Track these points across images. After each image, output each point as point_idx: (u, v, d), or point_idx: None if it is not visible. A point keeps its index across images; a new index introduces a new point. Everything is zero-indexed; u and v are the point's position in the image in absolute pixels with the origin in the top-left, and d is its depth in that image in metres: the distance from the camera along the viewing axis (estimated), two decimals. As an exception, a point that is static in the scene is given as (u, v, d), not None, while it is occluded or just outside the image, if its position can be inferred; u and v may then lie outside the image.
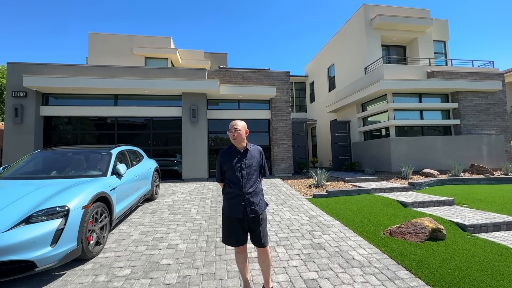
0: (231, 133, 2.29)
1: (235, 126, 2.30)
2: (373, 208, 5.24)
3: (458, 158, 9.64)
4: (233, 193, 2.23)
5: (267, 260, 2.29)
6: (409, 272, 2.75)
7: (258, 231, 2.24)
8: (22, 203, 2.81)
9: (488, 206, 5.33)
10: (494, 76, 10.96)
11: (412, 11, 12.32)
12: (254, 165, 2.31)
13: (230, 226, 2.24)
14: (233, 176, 2.24)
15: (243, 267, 2.35)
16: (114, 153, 4.53)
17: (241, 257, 2.32)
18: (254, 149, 2.39)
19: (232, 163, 2.27)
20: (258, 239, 2.24)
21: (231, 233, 2.24)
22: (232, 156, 2.30)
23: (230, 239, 2.25)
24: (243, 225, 2.23)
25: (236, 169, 2.25)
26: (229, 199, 2.25)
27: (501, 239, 3.73)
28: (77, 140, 9.22)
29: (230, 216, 2.23)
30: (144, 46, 13.46)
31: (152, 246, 3.51)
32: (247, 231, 2.27)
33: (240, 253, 2.31)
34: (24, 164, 4.27)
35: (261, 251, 2.28)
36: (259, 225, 2.24)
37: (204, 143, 9.31)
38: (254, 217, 2.22)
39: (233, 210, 2.21)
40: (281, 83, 10.35)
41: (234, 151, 2.32)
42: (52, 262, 2.60)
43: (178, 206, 5.61)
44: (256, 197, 2.25)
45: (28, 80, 8.10)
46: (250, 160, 2.30)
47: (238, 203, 2.20)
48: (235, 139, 2.28)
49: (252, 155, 2.34)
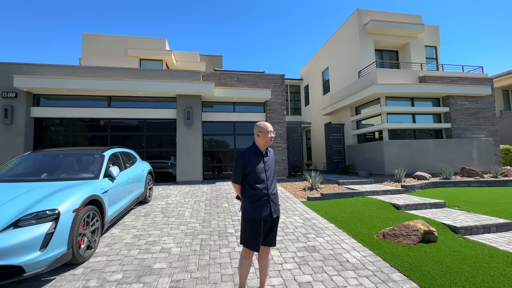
0: (269, 135, 2.29)
1: (271, 129, 2.32)
2: (367, 211, 5.28)
3: (449, 161, 9.82)
4: (257, 195, 2.22)
5: (267, 259, 2.37)
6: (402, 274, 2.77)
7: (274, 231, 2.32)
8: (11, 206, 2.75)
9: (478, 208, 5.43)
10: (483, 81, 11.25)
11: (405, 17, 12.59)
12: (273, 166, 2.39)
13: (255, 230, 2.19)
14: (257, 178, 2.24)
15: (245, 272, 2.33)
16: (107, 155, 4.47)
17: (247, 263, 2.30)
18: (271, 151, 2.45)
19: (256, 164, 2.26)
20: (273, 239, 2.33)
21: (256, 237, 2.19)
22: (257, 158, 2.29)
23: (255, 244, 2.20)
24: (265, 227, 2.24)
25: (261, 170, 2.26)
26: (254, 201, 2.22)
27: (491, 241, 3.80)
28: (69, 142, 9.06)
29: (256, 219, 2.19)
30: (139, 47, 13.38)
31: (144, 250, 3.46)
32: (265, 233, 2.27)
33: (248, 258, 2.29)
34: (14, 166, 4.18)
35: (267, 249, 2.35)
36: (276, 226, 2.33)
37: (199, 146, 9.26)
38: (276, 217, 2.29)
39: (260, 212, 2.19)
40: (276, 86, 10.41)
41: (258, 152, 2.32)
42: (41, 267, 2.53)
43: (172, 209, 5.55)
44: (277, 198, 2.35)
45: (19, 81, 7.95)
46: (270, 161, 2.37)
47: (264, 205, 2.22)
48: (271, 141, 2.32)
49: (271, 157, 2.40)
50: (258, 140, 2.32)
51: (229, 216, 5.03)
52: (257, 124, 2.34)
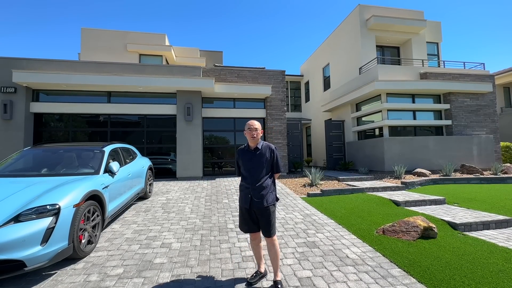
0: (251, 132, 2.51)
1: (254, 126, 2.52)
2: (367, 207, 5.30)
3: (449, 158, 9.82)
4: (243, 186, 2.58)
5: (273, 250, 2.50)
6: (401, 270, 2.78)
7: (263, 221, 2.50)
8: (11, 201, 2.75)
9: (478, 205, 5.44)
10: (484, 78, 11.19)
11: (406, 12, 12.47)
12: (263, 162, 2.53)
13: (241, 215, 2.61)
14: (244, 171, 2.57)
15: (255, 251, 2.66)
16: (107, 150, 4.46)
17: (253, 243, 2.64)
18: (265, 147, 2.60)
19: (244, 159, 2.57)
20: (264, 229, 2.52)
21: (243, 221, 2.60)
22: (246, 154, 2.59)
23: (243, 226, 2.62)
24: (251, 215, 2.53)
25: (247, 165, 2.54)
26: (241, 190, 2.62)
27: (490, 237, 3.81)
28: (68, 138, 9.04)
29: (240, 205, 2.60)
30: (138, 42, 13.27)
31: (145, 245, 3.47)
32: (256, 220, 2.54)
33: (252, 239, 2.63)
34: (13, 162, 4.17)
35: (268, 240, 2.52)
36: (264, 216, 2.49)
37: (199, 142, 9.25)
38: (260, 209, 2.47)
39: (242, 200, 2.57)
40: (276, 82, 10.36)
41: (247, 149, 2.61)
42: (42, 261, 2.54)
43: (172, 204, 5.57)
44: (264, 191, 2.49)
45: (18, 76, 7.90)
46: (260, 157, 2.54)
47: (246, 195, 2.52)
48: (254, 137, 2.51)
49: (263, 153, 2.56)
50: (247, 137, 2.58)
51: (229, 211, 5.04)
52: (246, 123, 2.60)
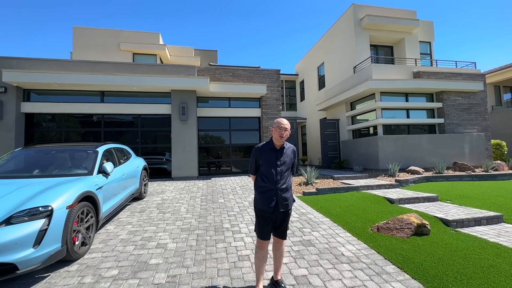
0: (280, 131, 2.33)
1: (286, 125, 2.34)
2: (361, 205, 5.35)
3: (442, 156, 9.97)
4: (266, 187, 2.34)
5: (281, 249, 2.44)
6: (395, 267, 2.82)
7: (284, 225, 2.40)
8: (2, 203, 2.69)
9: (469, 201, 5.55)
10: (476, 77, 11.38)
11: (400, 12, 12.60)
12: (287, 163, 2.41)
13: (261, 219, 2.35)
14: (267, 171, 2.34)
15: (260, 265, 2.37)
16: (101, 151, 4.41)
17: (261, 254, 2.37)
18: (289, 147, 2.48)
19: (268, 158, 2.36)
20: (283, 232, 2.41)
21: (263, 226, 2.34)
22: (269, 152, 2.39)
23: (267, 233, 2.35)
24: (273, 219, 2.34)
25: (272, 165, 2.34)
26: (262, 192, 2.35)
27: (482, 233, 3.89)
28: (61, 138, 8.90)
29: (262, 209, 2.32)
30: (132, 41, 13.12)
31: (140, 246, 3.45)
32: (274, 225, 2.38)
33: (261, 248, 2.37)
34: (4, 163, 4.08)
35: (280, 241, 2.43)
36: (286, 220, 2.40)
37: (194, 141, 9.20)
38: (284, 212, 2.34)
39: (265, 203, 2.31)
40: (271, 81, 10.36)
41: (271, 147, 2.41)
42: (35, 264, 2.50)
43: (168, 204, 5.53)
44: (287, 193, 2.37)
45: (8, 75, 7.73)
46: (285, 157, 2.40)
47: (270, 198, 2.31)
48: (282, 137, 2.34)
49: (287, 153, 2.43)
50: (273, 135, 2.41)
51: (225, 211, 5.03)
52: (275, 120, 2.41)
